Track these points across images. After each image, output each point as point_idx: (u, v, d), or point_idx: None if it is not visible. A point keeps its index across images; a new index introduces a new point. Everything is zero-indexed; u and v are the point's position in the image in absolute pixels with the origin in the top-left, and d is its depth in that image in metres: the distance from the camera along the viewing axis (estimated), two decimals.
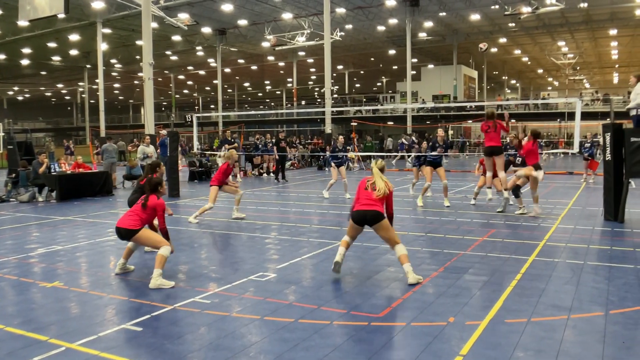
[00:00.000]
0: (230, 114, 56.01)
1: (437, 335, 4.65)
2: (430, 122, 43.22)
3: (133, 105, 77.11)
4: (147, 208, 6.47)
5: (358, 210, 6.30)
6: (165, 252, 6.32)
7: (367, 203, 6.26)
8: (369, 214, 6.22)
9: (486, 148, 11.35)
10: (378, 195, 6.25)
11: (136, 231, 6.38)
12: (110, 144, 18.95)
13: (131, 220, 6.41)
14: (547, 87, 77.61)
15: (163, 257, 6.29)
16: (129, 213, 6.53)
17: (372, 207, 6.22)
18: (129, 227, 6.38)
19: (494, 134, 11.04)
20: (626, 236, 8.98)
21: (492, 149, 11.15)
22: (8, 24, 37.33)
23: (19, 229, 10.56)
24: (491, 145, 11.15)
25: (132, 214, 6.47)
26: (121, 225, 6.42)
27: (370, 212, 6.21)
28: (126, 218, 6.46)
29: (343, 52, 50.55)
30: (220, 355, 4.29)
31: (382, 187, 6.27)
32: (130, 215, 6.47)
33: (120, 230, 6.44)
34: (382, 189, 6.26)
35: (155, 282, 6.17)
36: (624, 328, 4.82)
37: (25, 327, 4.99)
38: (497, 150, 11.15)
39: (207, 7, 36.03)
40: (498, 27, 43.22)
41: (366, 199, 6.29)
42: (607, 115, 27.47)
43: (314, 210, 12.52)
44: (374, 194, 6.27)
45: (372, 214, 6.20)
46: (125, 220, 6.45)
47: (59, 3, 16.28)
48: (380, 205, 6.29)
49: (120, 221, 6.49)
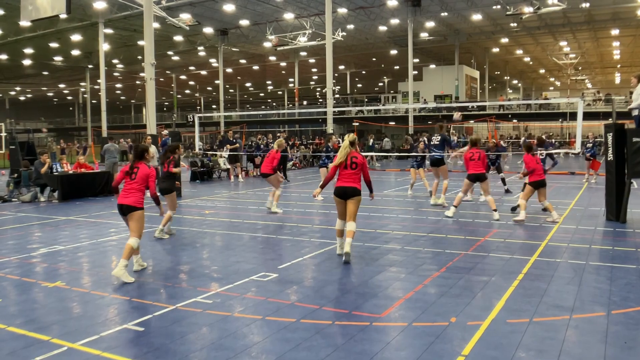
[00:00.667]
0: (232, 114, 56.06)
1: (439, 336, 4.65)
2: (431, 122, 43.19)
3: (135, 105, 77.20)
4: (138, 178, 6.69)
5: (339, 186, 7.29)
6: (134, 243, 6.56)
7: (346, 180, 7.25)
8: (348, 190, 7.23)
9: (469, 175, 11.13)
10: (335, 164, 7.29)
11: (137, 209, 6.60)
12: (112, 144, 18.97)
13: (135, 198, 6.61)
14: (549, 87, 77.54)
15: (131, 247, 6.54)
16: (129, 190, 6.66)
17: (350, 183, 7.23)
18: (133, 204, 6.58)
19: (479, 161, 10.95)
20: (628, 236, 8.97)
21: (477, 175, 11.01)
22: (10, 24, 37.39)
23: (21, 229, 10.58)
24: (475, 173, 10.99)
25: (134, 191, 6.65)
26: (125, 203, 6.60)
27: (349, 187, 7.24)
28: (129, 195, 6.62)
29: (345, 52, 50.56)
30: (222, 355, 4.30)
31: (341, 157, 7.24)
32: (132, 192, 6.64)
33: (122, 206, 6.64)
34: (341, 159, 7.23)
35: (119, 271, 6.38)
36: (626, 328, 4.81)
37: (27, 327, 5.00)
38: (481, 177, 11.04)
39: (208, 7, 36.05)
40: (500, 27, 43.19)
41: (345, 176, 7.28)
42: (609, 116, 27.45)
43: (316, 210, 12.53)
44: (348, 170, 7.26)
45: (351, 190, 7.23)
46: (129, 198, 6.61)
47: (61, 3, 16.28)
48: (357, 181, 7.27)
49: (122, 198, 6.65)
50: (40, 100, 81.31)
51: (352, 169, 7.22)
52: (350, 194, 7.18)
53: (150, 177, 6.74)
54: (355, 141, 7.37)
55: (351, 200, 7.18)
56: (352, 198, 7.18)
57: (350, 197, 7.18)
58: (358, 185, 7.24)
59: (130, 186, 6.68)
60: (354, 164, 7.23)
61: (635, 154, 9.86)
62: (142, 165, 6.78)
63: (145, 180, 6.72)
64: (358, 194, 7.21)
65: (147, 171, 6.75)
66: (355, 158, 7.25)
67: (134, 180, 6.68)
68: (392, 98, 53.44)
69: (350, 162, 7.23)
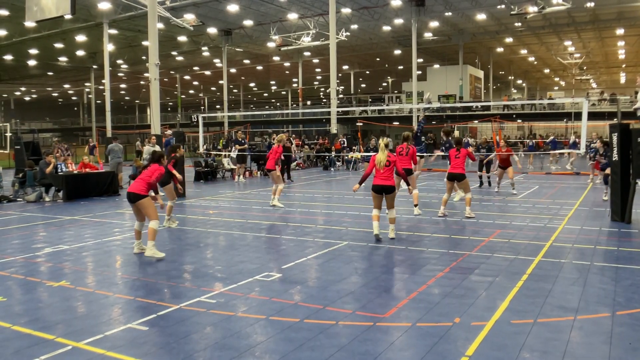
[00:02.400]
0: (236, 114, 56.11)
1: (442, 336, 4.64)
2: (436, 122, 43.14)
3: (139, 105, 77.39)
4: (147, 171, 7.75)
5: (377, 184, 8.58)
6: (155, 226, 7.51)
7: (383, 178, 8.53)
8: (385, 188, 8.57)
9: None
10: (379, 167, 8.53)
11: (143, 196, 7.54)
12: (117, 144, 18.99)
13: (139, 186, 7.59)
14: (553, 87, 77.33)
15: (154, 230, 7.52)
16: (137, 180, 7.67)
17: (386, 181, 8.54)
18: (137, 191, 7.53)
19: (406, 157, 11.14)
20: (633, 237, 8.93)
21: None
22: (15, 25, 37.52)
23: (26, 228, 10.62)
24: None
25: (140, 180, 7.64)
26: (131, 190, 7.58)
27: (386, 186, 8.57)
28: (135, 184, 7.64)
29: (348, 52, 50.53)
30: (225, 355, 4.30)
31: (382, 159, 8.55)
32: (139, 181, 7.64)
33: (129, 194, 7.58)
34: (382, 161, 8.55)
35: (150, 252, 7.47)
36: (631, 329, 4.79)
37: (32, 326, 5.01)
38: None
39: (212, 7, 36.11)
40: (504, 26, 43.09)
41: (381, 175, 8.55)
42: (614, 116, 27.35)
43: (320, 210, 12.52)
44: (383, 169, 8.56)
45: (387, 187, 8.59)
46: (134, 185, 7.63)
47: (66, 4, 16.33)
48: (392, 178, 8.61)
49: (130, 187, 7.67)
50: (45, 100, 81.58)
51: (387, 167, 8.52)
52: (387, 190, 8.56)
53: (156, 171, 7.78)
54: (389, 144, 8.86)
55: (388, 195, 8.59)
56: (389, 194, 8.59)
57: (388, 193, 8.58)
58: (392, 182, 8.59)
59: (139, 177, 7.72)
60: (388, 161, 8.56)
61: None
62: (154, 165, 7.89)
63: (152, 173, 7.72)
64: (393, 190, 8.62)
65: (157, 167, 7.84)
66: (389, 157, 8.62)
67: (144, 172, 7.78)
68: (396, 98, 53.39)
69: (386, 162, 8.57)
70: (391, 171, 8.57)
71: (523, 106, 45.36)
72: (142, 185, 7.60)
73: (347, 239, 8.91)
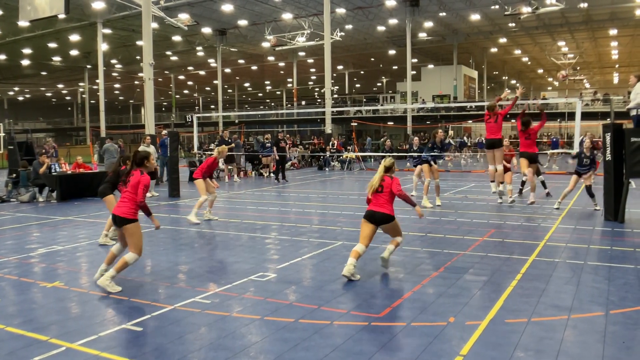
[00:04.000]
0: (231, 114, 56.00)
1: (437, 336, 4.65)
2: (430, 122, 43.23)
3: (133, 105, 77.09)
4: (129, 186, 6.24)
5: (369, 209, 6.63)
6: (131, 260, 6.14)
7: (378, 204, 6.59)
8: (377, 215, 6.56)
9: (487, 140, 11.36)
10: (370, 191, 6.61)
11: (131, 221, 6.16)
12: (112, 144, 18.92)
13: (127, 208, 6.18)
14: (547, 87, 77.58)
15: (126, 263, 6.14)
16: (123, 199, 6.26)
17: (382, 208, 6.56)
18: (124, 215, 6.16)
19: (495, 125, 11.01)
20: (626, 236, 8.98)
21: (492, 141, 11.15)
22: (8, 24, 37.34)
23: (20, 229, 10.57)
24: (491, 138, 11.14)
25: (126, 201, 6.21)
26: (117, 213, 6.21)
27: (378, 213, 6.56)
28: (122, 205, 6.22)
29: (343, 52, 50.55)
30: (220, 355, 4.30)
31: (374, 184, 6.62)
32: (125, 202, 6.22)
33: (115, 217, 6.27)
34: (373, 185, 6.62)
35: (104, 282, 6.05)
36: (624, 328, 4.82)
37: (26, 327, 4.99)
38: (497, 143, 11.15)
39: (207, 7, 36.03)
40: (498, 27, 43.20)
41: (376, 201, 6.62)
42: (607, 116, 27.47)
43: (314, 211, 12.53)
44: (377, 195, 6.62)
45: (380, 215, 6.56)
46: (121, 208, 6.21)
47: (60, 3, 16.27)
48: (389, 206, 6.59)
49: (116, 208, 6.28)
50: (38, 100, 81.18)
51: (378, 192, 6.60)
52: (382, 219, 6.57)
53: (140, 184, 6.19)
54: (393, 166, 6.79)
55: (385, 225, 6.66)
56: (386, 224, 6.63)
57: (383, 223, 6.60)
58: (389, 210, 6.58)
59: (124, 195, 6.28)
60: (381, 186, 6.61)
61: (634, 153, 9.88)
62: (136, 171, 6.30)
63: (136, 188, 6.20)
64: (389, 219, 6.58)
65: (139, 178, 6.23)
66: (383, 182, 6.62)
67: (127, 188, 6.26)
68: (391, 98, 53.46)
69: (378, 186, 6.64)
70: (387, 198, 6.58)
71: (517, 106, 45.44)
72: (130, 208, 6.18)
73: (342, 238, 8.92)
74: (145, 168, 6.39)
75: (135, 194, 6.20)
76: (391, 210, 6.58)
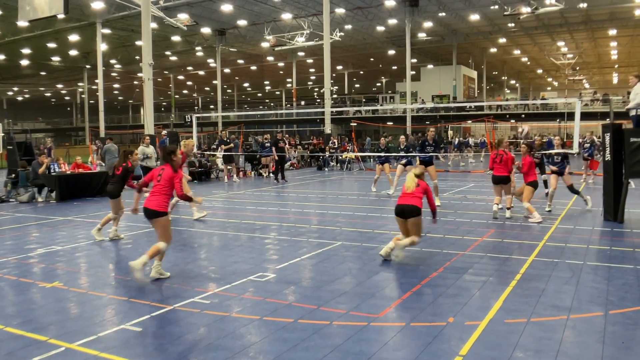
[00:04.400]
0: (230, 114, 56.02)
1: (436, 336, 4.65)
2: (429, 122, 43.26)
3: (132, 105, 77.11)
4: (163, 179, 6.59)
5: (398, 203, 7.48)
6: (163, 247, 6.48)
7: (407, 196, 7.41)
8: (406, 208, 7.35)
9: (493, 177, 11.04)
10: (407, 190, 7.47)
11: (162, 214, 6.50)
12: (112, 144, 18.88)
13: (159, 202, 6.52)
14: (546, 87, 77.66)
15: (159, 250, 6.46)
16: (154, 193, 6.59)
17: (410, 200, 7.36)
18: (155, 208, 6.48)
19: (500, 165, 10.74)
20: (626, 236, 8.99)
21: (498, 178, 10.88)
22: (8, 24, 37.33)
23: (19, 229, 10.56)
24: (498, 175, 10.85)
25: (158, 194, 6.56)
26: (149, 206, 6.51)
27: (407, 206, 7.35)
28: (153, 199, 6.54)
29: (342, 52, 50.57)
30: (219, 356, 4.30)
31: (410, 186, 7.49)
32: (156, 195, 6.55)
33: (147, 210, 6.53)
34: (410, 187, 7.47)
35: (137, 265, 6.25)
36: (624, 328, 4.82)
37: (25, 327, 4.99)
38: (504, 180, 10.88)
39: (206, 7, 36.03)
40: (497, 27, 43.24)
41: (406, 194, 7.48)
42: (607, 116, 27.49)
43: (314, 211, 12.52)
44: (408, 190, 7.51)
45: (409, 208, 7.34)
46: (152, 201, 6.52)
47: (59, 3, 16.28)
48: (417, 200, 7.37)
49: (147, 202, 6.56)
50: (38, 100, 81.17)
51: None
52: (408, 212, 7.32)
53: (175, 179, 6.60)
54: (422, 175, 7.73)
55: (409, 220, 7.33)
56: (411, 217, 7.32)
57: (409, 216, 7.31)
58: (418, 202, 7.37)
59: (156, 189, 6.62)
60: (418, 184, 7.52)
61: (633, 154, 9.88)
62: (168, 167, 6.67)
63: (170, 182, 6.59)
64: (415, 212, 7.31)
65: (171, 174, 6.61)
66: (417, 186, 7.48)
67: (159, 182, 6.62)
68: (390, 98, 53.49)
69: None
70: (418, 195, 7.37)
71: (516, 106, 45.56)
72: (162, 201, 6.55)
73: (341, 239, 8.92)
74: (172, 162, 6.69)
75: (169, 187, 6.59)
76: (420, 204, 7.31)
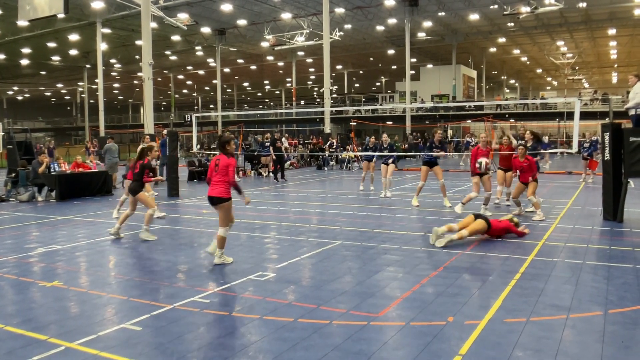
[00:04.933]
0: (230, 114, 56.05)
1: (436, 335, 4.66)
2: (429, 121, 43.26)
3: (132, 105, 77.11)
4: (221, 168, 7.08)
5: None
6: (224, 234, 7.14)
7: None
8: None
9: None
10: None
11: (226, 199, 7.09)
12: (113, 143, 18.86)
13: (221, 189, 7.08)
14: (546, 86, 77.65)
15: (223, 238, 7.15)
16: (215, 182, 7.11)
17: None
18: (220, 195, 7.06)
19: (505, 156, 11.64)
20: (625, 236, 8.99)
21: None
22: (8, 24, 37.33)
23: (19, 228, 10.56)
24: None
25: (220, 183, 7.09)
26: (213, 194, 7.12)
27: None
28: (215, 187, 7.11)
29: (342, 52, 50.55)
30: (219, 355, 4.30)
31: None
32: (218, 184, 7.09)
33: (212, 198, 7.14)
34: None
35: (219, 260, 7.16)
36: (623, 328, 4.83)
37: (25, 326, 4.99)
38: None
39: (206, 7, 36.02)
40: (497, 27, 43.24)
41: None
42: (606, 115, 27.48)
43: (313, 210, 12.52)
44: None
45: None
46: (215, 189, 7.11)
47: (59, 3, 16.28)
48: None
49: (211, 190, 7.16)
50: (38, 100, 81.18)
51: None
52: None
53: (229, 166, 7.10)
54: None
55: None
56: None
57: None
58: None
59: (216, 178, 7.12)
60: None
61: (632, 153, 9.89)
62: (222, 156, 7.17)
63: (227, 169, 7.08)
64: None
65: (227, 161, 7.12)
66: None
67: (218, 172, 7.11)
68: (390, 98, 53.49)
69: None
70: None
71: (516, 106, 45.57)
72: (225, 188, 7.08)
73: (341, 238, 8.92)
74: (227, 152, 7.22)
75: (226, 175, 7.10)
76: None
